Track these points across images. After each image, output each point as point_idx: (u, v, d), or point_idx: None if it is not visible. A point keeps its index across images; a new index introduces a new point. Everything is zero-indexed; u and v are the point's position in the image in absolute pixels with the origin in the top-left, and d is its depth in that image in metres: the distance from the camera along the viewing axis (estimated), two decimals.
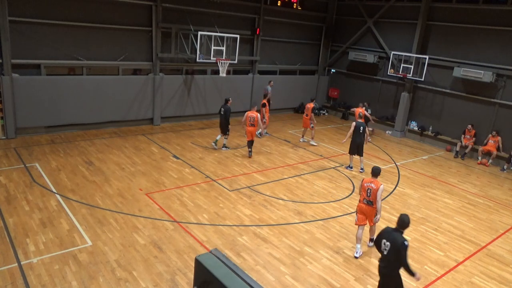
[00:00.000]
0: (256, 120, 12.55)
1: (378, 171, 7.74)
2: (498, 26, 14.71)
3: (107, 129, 14.27)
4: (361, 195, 7.83)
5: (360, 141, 12.14)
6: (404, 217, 5.71)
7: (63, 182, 9.65)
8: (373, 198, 7.58)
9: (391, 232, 5.75)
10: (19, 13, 11.90)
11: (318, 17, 20.04)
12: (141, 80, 14.79)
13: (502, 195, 11.94)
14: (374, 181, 7.61)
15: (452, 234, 9.11)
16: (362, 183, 7.79)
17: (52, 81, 12.83)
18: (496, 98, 14.97)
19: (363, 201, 7.76)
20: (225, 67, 14.76)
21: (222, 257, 4.83)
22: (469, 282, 7.34)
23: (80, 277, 6.31)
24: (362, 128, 12.05)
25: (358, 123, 12.09)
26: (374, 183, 7.59)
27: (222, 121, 12.86)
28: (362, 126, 12.09)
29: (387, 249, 5.70)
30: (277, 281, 6.75)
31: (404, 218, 5.71)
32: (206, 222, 8.46)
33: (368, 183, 7.64)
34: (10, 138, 12.29)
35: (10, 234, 7.29)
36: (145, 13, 14.37)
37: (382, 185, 7.55)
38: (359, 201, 7.87)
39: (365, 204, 7.72)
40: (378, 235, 5.91)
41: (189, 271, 6.63)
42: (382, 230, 5.93)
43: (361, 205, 7.80)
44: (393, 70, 17.24)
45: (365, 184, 7.69)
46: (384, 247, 5.74)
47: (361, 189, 7.81)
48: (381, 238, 5.82)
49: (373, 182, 7.60)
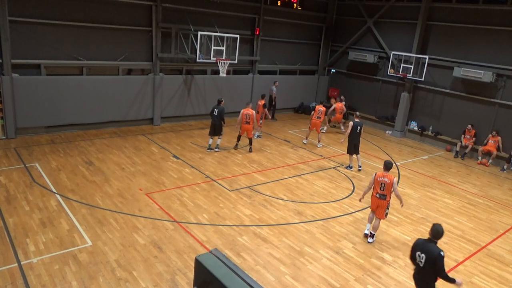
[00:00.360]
0: (252, 118, 12.67)
1: (391, 165, 8.07)
2: (498, 26, 14.71)
3: (107, 129, 14.27)
4: (373, 189, 8.10)
5: (357, 140, 12.26)
6: (438, 227, 5.52)
7: (63, 182, 9.65)
8: (387, 192, 7.93)
9: (425, 244, 5.55)
10: (19, 13, 11.90)
11: (318, 17, 20.04)
12: (141, 80, 14.79)
13: (502, 195, 11.94)
14: (387, 175, 7.94)
15: (452, 234, 9.11)
16: (375, 177, 8.04)
17: (52, 81, 12.84)
18: (496, 98, 14.97)
19: (375, 195, 8.07)
20: (225, 67, 14.76)
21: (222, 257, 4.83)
22: (469, 282, 7.34)
23: (80, 277, 6.31)
24: (359, 128, 12.20)
25: (355, 122, 12.19)
26: (387, 177, 7.92)
27: (216, 122, 12.61)
28: (359, 125, 12.24)
29: (422, 261, 5.50)
30: (277, 281, 6.75)
31: (438, 228, 5.51)
32: (206, 222, 8.46)
33: (382, 178, 7.95)
34: (10, 138, 12.29)
35: (10, 234, 7.29)
36: (145, 13, 14.37)
37: (395, 178, 7.94)
38: (372, 195, 8.17)
39: (378, 198, 8.03)
40: (412, 248, 5.69)
41: (189, 271, 6.63)
42: (415, 242, 5.71)
43: (374, 199, 8.13)
44: (393, 70, 17.24)
45: (378, 178, 7.98)
46: (419, 259, 5.53)
47: (373, 183, 8.08)
48: (415, 250, 5.62)
49: (386, 176, 7.93)
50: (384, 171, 8.02)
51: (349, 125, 12.20)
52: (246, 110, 12.74)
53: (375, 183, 8.03)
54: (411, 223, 9.44)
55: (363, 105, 19.09)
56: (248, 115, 12.64)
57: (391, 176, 7.93)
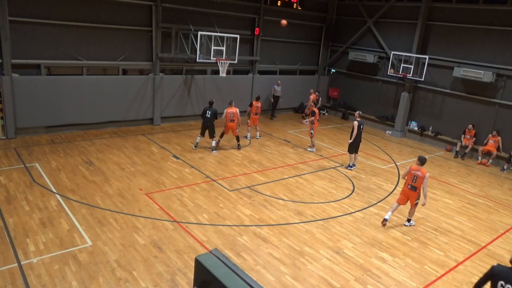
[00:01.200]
0: (236, 115, 12.78)
1: (425, 160, 8.72)
2: (498, 26, 14.71)
3: (107, 129, 14.27)
4: (406, 180, 8.79)
5: (360, 139, 12.35)
6: None
7: (63, 182, 9.65)
8: (417, 185, 8.56)
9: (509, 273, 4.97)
10: (19, 13, 11.90)
11: (318, 17, 20.04)
12: (141, 80, 14.79)
13: (502, 195, 11.94)
14: (421, 169, 8.56)
15: (452, 234, 9.11)
16: (409, 170, 8.71)
17: (52, 81, 12.84)
18: (496, 98, 14.97)
19: (407, 186, 8.74)
20: (225, 67, 14.76)
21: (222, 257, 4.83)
22: (469, 282, 7.33)
23: (80, 277, 6.31)
24: (362, 127, 12.31)
25: (359, 122, 12.23)
26: (421, 171, 8.54)
27: (209, 124, 12.59)
28: (363, 125, 12.37)
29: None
30: (277, 281, 6.75)
31: None
32: (206, 222, 8.46)
33: (415, 171, 8.59)
34: (10, 138, 12.29)
35: (10, 234, 7.29)
36: (145, 13, 14.37)
37: (427, 174, 8.52)
38: (404, 185, 8.87)
39: (409, 189, 8.72)
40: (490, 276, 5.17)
41: (189, 271, 6.63)
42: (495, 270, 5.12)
43: (405, 189, 8.80)
44: (393, 70, 17.24)
45: (412, 171, 8.64)
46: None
47: (406, 175, 8.76)
48: (497, 279, 5.04)
49: (420, 170, 8.56)
50: (419, 165, 8.63)
51: (355, 125, 12.18)
52: (230, 109, 12.83)
53: (408, 175, 8.70)
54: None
55: (363, 105, 19.06)
56: (232, 113, 12.77)
57: (424, 171, 8.53)
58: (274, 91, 18.28)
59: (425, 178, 8.44)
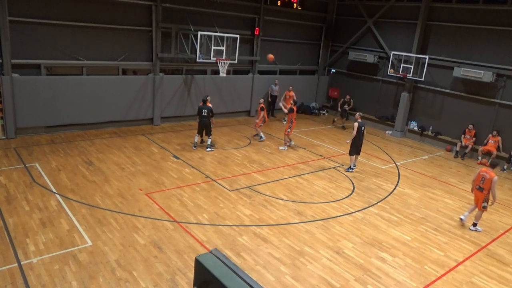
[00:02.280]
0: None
1: (496, 164, 9.50)
2: (498, 26, 14.71)
3: (107, 129, 14.26)
4: (474, 181, 9.24)
5: (361, 141, 12.28)
6: None
7: (63, 182, 9.65)
8: (485, 186, 8.95)
9: None
10: (19, 13, 11.90)
11: (318, 17, 20.04)
12: (141, 80, 14.78)
13: (502, 195, 11.93)
14: (490, 172, 8.97)
15: (452, 234, 9.11)
16: (479, 172, 9.16)
17: (52, 81, 12.84)
18: (496, 98, 14.97)
19: (476, 187, 9.17)
20: (225, 67, 14.76)
21: (222, 257, 4.83)
22: (469, 282, 7.33)
23: (80, 277, 6.31)
24: (363, 128, 12.21)
25: (360, 123, 12.15)
26: (489, 173, 8.93)
27: (206, 122, 12.58)
28: (363, 125, 12.28)
29: None
30: (277, 281, 6.75)
31: None
32: (206, 222, 8.46)
33: (484, 173, 9.01)
34: (10, 138, 12.29)
35: (10, 234, 7.29)
36: (145, 13, 14.37)
37: (496, 177, 8.85)
38: (473, 187, 9.30)
39: (477, 189, 9.13)
40: None
41: (189, 271, 6.63)
42: None
43: (475, 191, 9.23)
44: (393, 70, 17.24)
45: (482, 173, 9.07)
46: None
47: (476, 176, 9.20)
48: None
49: (488, 172, 8.96)
50: (489, 168, 9.16)
51: (355, 126, 12.07)
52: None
53: (477, 177, 9.12)
54: (411, 223, 9.44)
55: (363, 105, 19.05)
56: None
57: (493, 174, 8.90)
58: (271, 90, 18.33)
59: (492, 181, 8.79)
